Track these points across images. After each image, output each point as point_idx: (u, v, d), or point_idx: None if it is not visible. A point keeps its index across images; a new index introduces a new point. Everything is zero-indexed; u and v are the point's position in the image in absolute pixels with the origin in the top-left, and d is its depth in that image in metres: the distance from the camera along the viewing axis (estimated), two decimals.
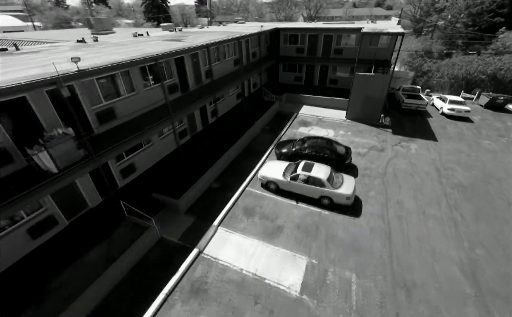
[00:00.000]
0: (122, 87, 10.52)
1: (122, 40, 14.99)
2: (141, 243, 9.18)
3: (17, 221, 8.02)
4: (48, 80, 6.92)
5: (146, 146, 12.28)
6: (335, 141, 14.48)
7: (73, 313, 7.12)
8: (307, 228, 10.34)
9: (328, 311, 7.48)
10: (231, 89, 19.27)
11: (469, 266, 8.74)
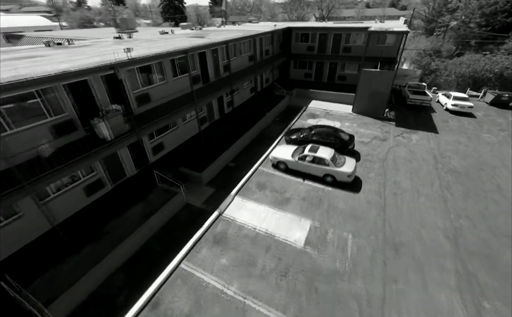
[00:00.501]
0: (156, 76, 12.43)
1: (152, 37, 17.02)
2: (172, 204, 11.02)
3: (76, 180, 10.01)
4: (108, 65, 8.82)
5: (173, 129, 14.17)
6: (340, 130, 15.93)
7: (123, 250, 9.01)
8: (312, 200, 11.90)
9: (327, 259, 9.03)
10: (245, 83, 21.02)
11: (452, 232, 10.06)
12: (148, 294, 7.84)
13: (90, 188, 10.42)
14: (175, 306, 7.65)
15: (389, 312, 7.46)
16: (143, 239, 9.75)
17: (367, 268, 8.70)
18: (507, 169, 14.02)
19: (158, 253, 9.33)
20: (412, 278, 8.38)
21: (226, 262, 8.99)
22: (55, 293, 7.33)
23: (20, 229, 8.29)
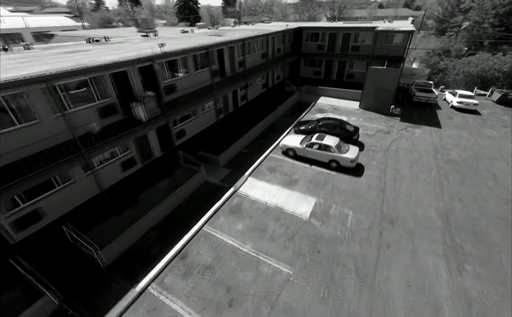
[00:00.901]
0: (181, 69, 14.06)
1: (175, 36, 18.74)
2: (194, 180, 12.60)
3: (114, 156, 11.71)
4: (148, 57, 10.48)
5: (193, 117, 15.77)
6: (346, 122, 17.13)
7: (155, 214, 10.64)
8: (317, 182, 13.20)
9: (329, 229, 10.34)
10: (258, 79, 22.45)
11: (444, 211, 11.14)
12: (177, 248, 9.41)
13: (125, 164, 12.11)
14: (200, 258, 9.17)
15: (381, 270, 8.70)
16: (171, 206, 11.36)
17: (364, 237, 9.95)
18: (505, 161, 14.84)
19: (184, 217, 10.91)
20: (404, 245, 9.57)
21: (241, 227, 10.45)
22: (102, 243, 8.99)
23: (73, 192, 10.03)
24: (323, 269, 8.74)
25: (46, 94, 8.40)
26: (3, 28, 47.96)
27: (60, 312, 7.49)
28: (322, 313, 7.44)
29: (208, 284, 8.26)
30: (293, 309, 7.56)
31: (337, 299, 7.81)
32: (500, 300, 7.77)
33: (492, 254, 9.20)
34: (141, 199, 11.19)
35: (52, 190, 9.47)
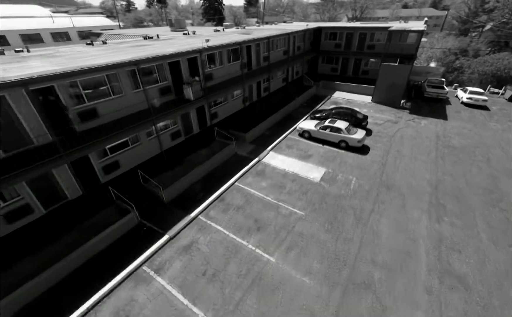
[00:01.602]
0: (218, 62, 17.13)
1: (210, 33, 21.94)
2: (226, 151, 15.61)
3: (167, 127, 14.98)
4: (197, 50, 13.60)
5: (224, 103, 18.81)
6: (356, 110, 19.40)
7: (199, 171, 13.74)
8: (328, 157, 15.73)
9: (335, 189, 12.89)
10: (279, 73, 25.16)
11: (435, 182, 13.29)
12: (217, 194, 12.44)
13: (173, 135, 15.37)
14: (234, 201, 12.13)
15: (374, 216, 11.15)
16: (210, 168, 14.46)
17: (363, 195, 12.41)
18: (501, 148, 16.48)
19: (220, 176, 13.94)
20: (395, 202, 11.94)
21: (265, 184, 13.29)
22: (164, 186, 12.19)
23: (139, 151, 13.36)
24: (328, 213, 11.36)
25: (129, 76, 11.74)
26: (54, 27, 54.13)
27: (139, 226, 10.74)
28: (325, 238, 10.09)
29: (241, 217, 11.19)
30: (304, 235, 10.27)
31: (337, 231, 10.41)
32: (466, 238, 9.98)
33: (468, 212, 11.34)
34: (187, 160, 14.37)
35: (126, 148, 12.84)
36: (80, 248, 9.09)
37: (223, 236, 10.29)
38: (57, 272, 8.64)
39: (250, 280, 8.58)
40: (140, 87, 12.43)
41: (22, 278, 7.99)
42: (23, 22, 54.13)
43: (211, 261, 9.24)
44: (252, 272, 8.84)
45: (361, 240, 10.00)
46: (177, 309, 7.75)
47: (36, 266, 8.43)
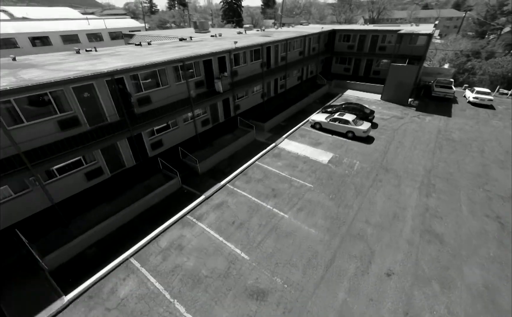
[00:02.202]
0: (242, 60, 19.80)
1: (234, 36, 24.70)
2: (247, 137, 18.25)
3: (198, 115, 17.82)
4: (227, 50, 16.33)
5: (245, 97, 21.46)
6: (364, 106, 21.44)
7: (224, 153, 16.47)
8: (336, 145, 17.97)
9: (341, 169, 15.16)
10: (294, 72, 27.51)
11: (429, 168, 15.22)
12: (240, 169, 15.09)
13: (203, 122, 18.18)
14: (255, 175, 14.73)
15: (372, 190, 13.35)
16: (234, 150, 17.17)
17: (364, 175, 14.62)
18: (498, 142, 18.01)
19: (242, 157, 16.59)
20: (392, 181, 14.05)
21: (280, 164, 15.80)
22: (199, 161, 14.99)
23: (177, 134, 16.25)
24: (333, 186, 13.69)
25: (173, 71, 14.64)
26: (89, 28, 59.01)
27: (181, 190, 13.58)
28: (329, 204, 12.45)
29: (261, 186, 13.76)
30: (312, 201, 12.68)
31: (340, 199, 12.74)
32: (449, 209, 12.01)
33: (455, 191, 13.27)
34: (214, 143, 17.14)
35: (168, 130, 15.76)
36: (140, 200, 12.04)
37: (247, 198, 12.91)
38: (123, 217, 11.60)
39: (268, 229, 11.13)
40: (181, 80, 15.33)
41: (100, 218, 10.97)
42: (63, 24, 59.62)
43: (238, 215, 11.88)
44: (270, 224, 11.39)
45: (359, 207, 12.28)
46: (215, 242, 10.44)
47: (109, 211, 11.42)
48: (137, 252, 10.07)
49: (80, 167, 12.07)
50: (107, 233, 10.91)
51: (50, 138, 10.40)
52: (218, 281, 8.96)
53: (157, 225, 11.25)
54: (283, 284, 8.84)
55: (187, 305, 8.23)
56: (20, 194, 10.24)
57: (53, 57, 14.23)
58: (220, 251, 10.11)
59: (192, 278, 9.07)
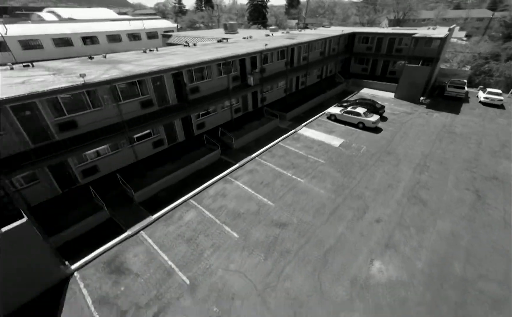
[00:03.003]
0: (269, 59, 23.40)
1: (262, 37, 28.33)
2: (271, 124, 21.85)
3: (231, 105, 21.69)
4: (258, 51, 20.03)
5: (270, 91, 25.03)
6: (375, 101, 24.15)
7: (252, 135, 20.20)
8: (347, 133, 21.01)
9: (349, 152, 18.28)
10: (314, 71, 30.62)
11: (428, 154, 17.86)
12: (265, 147, 18.74)
13: (236, 110, 22.05)
14: (277, 152, 18.30)
15: (374, 168, 16.36)
16: (260, 133, 20.86)
17: (369, 156, 17.63)
18: (497, 137, 20.05)
19: (267, 138, 20.20)
20: (392, 162, 16.96)
21: (299, 145, 19.23)
22: (234, 138, 18.84)
23: (217, 117, 20.23)
24: (341, 163, 16.91)
25: (216, 67, 18.58)
26: (129, 29, 65.22)
27: (220, 160, 17.51)
28: (337, 175, 15.71)
29: (283, 160, 17.32)
30: (324, 172, 16.01)
31: (345, 172, 15.96)
32: (436, 184, 14.79)
33: (445, 171, 15.94)
34: (245, 127, 20.93)
35: (209, 114, 19.77)
36: (193, 163, 16.11)
37: (272, 168, 16.55)
38: (182, 174, 15.71)
39: (288, 188, 14.67)
40: (221, 74, 19.27)
41: (165, 173, 15.13)
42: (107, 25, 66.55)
43: (265, 178, 15.55)
44: (289, 185, 14.92)
45: (361, 178, 15.43)
46: (248, 193, 14.20)
47: (172, 169, 15.57)
48: (194, 196, 14.09)
49: (150, 137, 16.38)
50: (171, 184, 15.07)
51: (134, 114, 14.71)
52: (251, 216, 12.69)
53: (206, 181, 15.22)
54: (298, 221, 12.37)
55: (232, 227, 12.04)
56: (114, 152, 14.66)
57: (130, 56, 18.75)
58: (252, 199, 13.85)
59: (234, 214, 12.88)
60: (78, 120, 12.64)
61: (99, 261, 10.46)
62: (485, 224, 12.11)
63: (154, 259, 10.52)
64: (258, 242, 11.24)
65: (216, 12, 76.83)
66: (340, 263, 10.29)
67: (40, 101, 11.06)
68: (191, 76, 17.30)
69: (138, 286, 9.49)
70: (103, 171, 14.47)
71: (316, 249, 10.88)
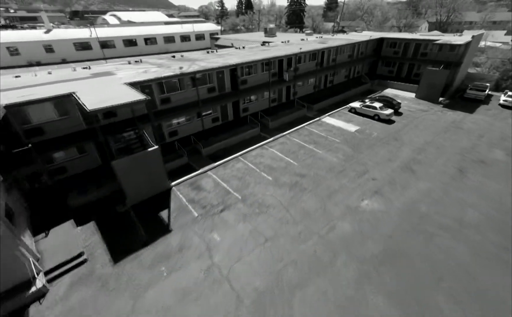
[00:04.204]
0: (302, 60, 28.61)
1: (298, 42, 33.56)
2: (300, 113, 27.09)
3: (269, 96, 27.39)
4: (294, 54, 25.47)
5: (301, 86, 30.20)
6: (393, 98, 27.92)
7: (284, 120, 25.69)
8: (363, 123, 25.36)
9: (362, 136, 22.77)
10: (342, 71, 34.94)
11: (429, 141, 21.58)
12: (294, 129, 24.10)
13: (273, 100, 27.71)
14: (303, 133, 23.55)
15: (379, 148, 20.74)
16: (291, 119, 26.24)
17: (378, 140, 21.96)
18: (500, 133, 22.75)
19: (296, 123, 25.49)
20: (396, 145, 21.13)
21: (321, 129, 24.23)
22: (270, 120, 24.54)
23: (256, 105, 26.10)
24: (353, 143, 21.57)
25: (260, 65, 24.44)
26: (181, 31, 74.58)
27: (259, 135, 23.35)
28: (348, 150, 20.47)
29: (307, 138, 22.54)
30: (338, 148, 20.89)
31: (355, 149, 20.64)
32: (428, 161, 18.78)
33: (440, 154, 19.71)
34: (278, 114, 26.48)
35: (251, 102, 25.72)
36: (239, 135, 22.17)
37: (298, 142, 21.89)
38: (233, 141, 21.85)
39: (309, 155, 19.90)
40: (264, 71, 25.10)
41: (218, 140, 21.39)
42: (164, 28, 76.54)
43: (292, 148, 20.96)
44: (310, 154, 20.13)
45: (367, 153, 20.01)
46: (279, 156, 19.78)
47: (226, 137, 21.79)
48: (241, 155, 20.11)
49: (210, 114, 22.83)
50: (226, 147, 21.28)
51: (204, 97, 21.18)
52: (281, 169, 18.25)
53: (249, 147, 21.12)
54: (314, 174, 17.60)
55: (267, 174, 17.73)
56: (187, 122, 21.30)
57: (200, 55, 25.55)
58: (282, 160, 19.39)
59: (269, 167, 18.56)
60: (171, 97, 19.44)
61: (185, 183, 16.95)
62: (458, 188, 16.09)
63: (218, 185, 16.69)
64: (285, 183, 16.77)
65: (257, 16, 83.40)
66: (340, 198, 15.36)
67: (156, 83, 17.95)
68: (242, 71, 23.38)
69: (211, 196, 15.69)
70: (180, 134, 21.20)
71: (325, 190, 16.06)
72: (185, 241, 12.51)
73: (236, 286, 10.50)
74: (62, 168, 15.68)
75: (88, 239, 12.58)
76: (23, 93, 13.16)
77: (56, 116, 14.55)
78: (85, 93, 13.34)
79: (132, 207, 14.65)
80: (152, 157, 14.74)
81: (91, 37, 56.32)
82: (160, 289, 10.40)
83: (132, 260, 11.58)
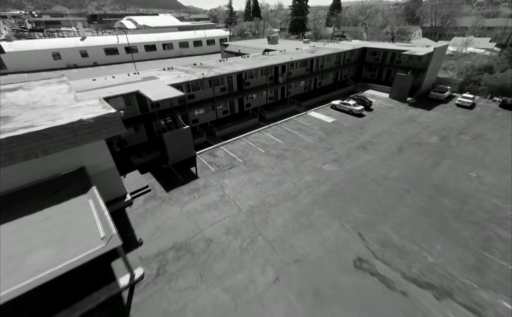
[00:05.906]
0: (294, 67, 36.04)
1: (293, 51, 40.97)
2: (291, 108, 34.52)
3: (267, 94, 34.93)
4: (287, 62, 32.97)
5: (293, 87, 37.62)
6: (365, 97, 35.03)
7: (279, 113, 33.21)
8: (340, 116, 32.59)
9: (337, 126, 30.07)
10: (330, 75, 42.16)
11: (385, 130, 28.74)
12: (285, 119, 31.59)
13: (269, 98, 35.24)
14: (291, 122, 31.01)
15: (346, 134, 28.01)
16: (283, 113, 33.73)
17: (346, 128, 29.22)
18: (444, 125, 29.61)
19: (287, 116, 32.97)
20: (359, 131, 28.34)
21: (305, 120, 31.62)
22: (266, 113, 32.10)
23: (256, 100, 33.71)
24: (328, 130, 28.89)
25: (261, 70, 32.07)
26: (194, 37, 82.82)
27: (258, 123, 30.96)
28: (322, 134, 27.84)
29: (294, 126, 29.98)
30: (315, 133, 28.24)
31: (328, 134, 27.99)
32: (379, 143, 26.00)
33: (389, 138, 26.84)
34: (274, 108, 33.98)
35: (253, 99, 33.33)
36: (242, 123, 29.84)
37: (286, 129, 29.36)
38: (238, 127, 29.55)
39: (293, 138, 27.32)
40: (262, 75, 32.69)
41: (227, 126, 29.11)
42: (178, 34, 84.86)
43: (281, 133, 28.45)
44: (294, 137, 27.54)
45: (335, 138, 27.31)
46: (271, 138, 27.34)
47: (233, 124, 29.50)
48: (244, 136, 27.74)
49: (222, 107, 30.57)
50: (233, 131, 28.95)
51: (217, 94, 28.94)
52: (272, 146, 25.76)
53: (250, 131, 28.71)
54: (294, 149, 25.04)
55: (261, 148, 25.31)
56: (204, 113, 29.09)
57: (214, 63, 33.29)
58: (273, 140, 26.91)
59: (263, 144, 26.10)
60: (195, 94, 27.28)
61: (205, 152, 24.70)
62: (393, 159, 23.26)
63: (227, 154, 24.37)
64: (273, 154, 24.30)
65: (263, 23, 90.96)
66: (309, 163, 22.78)
67: (185, 85, 25.80)
68: (246, 75, 31.04)
69: (222, 160, 23.37)
70: (200, 121, 29.01)
71: (300, 159, 23.50)
72: (207, 182, 20.26)
73: (238, 203, 18.13)
74: (124, 140, 23.67)
75: (148, 180, 20.47)
76: (109, 91, 21.12)
77: (123, 106, 22.52)
78: (145, 90, 21.20)
79: (172, 165, 22.50)
80: (185, 134, 22.52)
81: (118, 43, 65.17)
82: (194, 204, 18.13)
83: (177, 190, 19.38)
